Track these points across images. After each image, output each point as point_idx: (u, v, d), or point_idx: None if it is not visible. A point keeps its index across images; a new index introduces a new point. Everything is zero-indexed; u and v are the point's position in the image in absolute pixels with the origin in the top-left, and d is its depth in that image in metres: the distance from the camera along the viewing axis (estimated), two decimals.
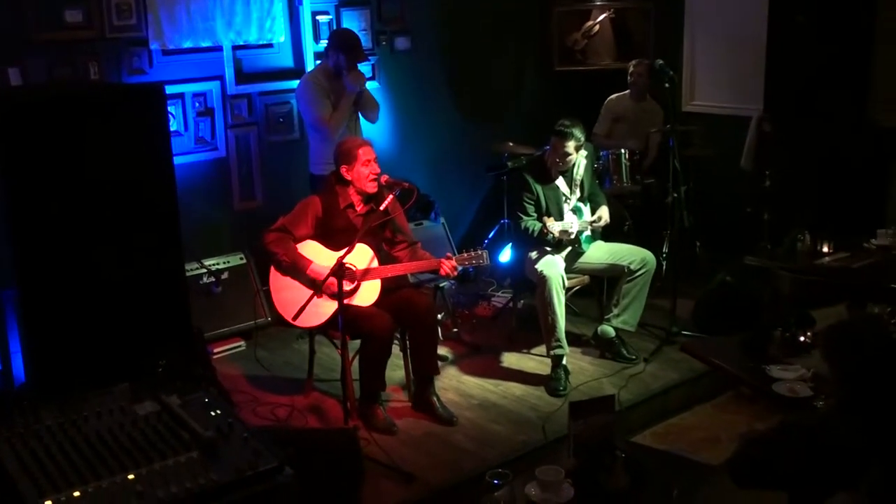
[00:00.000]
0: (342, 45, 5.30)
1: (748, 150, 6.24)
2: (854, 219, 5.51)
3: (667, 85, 5.35)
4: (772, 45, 5.81)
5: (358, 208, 4.56)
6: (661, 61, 5.48)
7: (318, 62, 5.68)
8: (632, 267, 5.03)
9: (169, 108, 5.29)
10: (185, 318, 3.77)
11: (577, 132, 4.96)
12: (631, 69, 6.39)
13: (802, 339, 3.86)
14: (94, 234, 3.34)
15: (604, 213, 5.17)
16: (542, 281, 4.87)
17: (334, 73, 5.33)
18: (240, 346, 5.41)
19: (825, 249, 5.00)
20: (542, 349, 5.07)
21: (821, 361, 2.94)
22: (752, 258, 5.17)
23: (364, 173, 4.50)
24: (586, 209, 5.16)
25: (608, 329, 5.12)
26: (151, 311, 3.55)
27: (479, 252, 4.46)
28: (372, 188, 4.51)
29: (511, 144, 6.15)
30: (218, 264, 5.49)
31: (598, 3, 7.07)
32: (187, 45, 5.35)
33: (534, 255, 5.05)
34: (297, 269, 4.41)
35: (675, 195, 5.41)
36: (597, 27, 7.09)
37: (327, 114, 5.27)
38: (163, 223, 3.54)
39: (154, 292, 3.53)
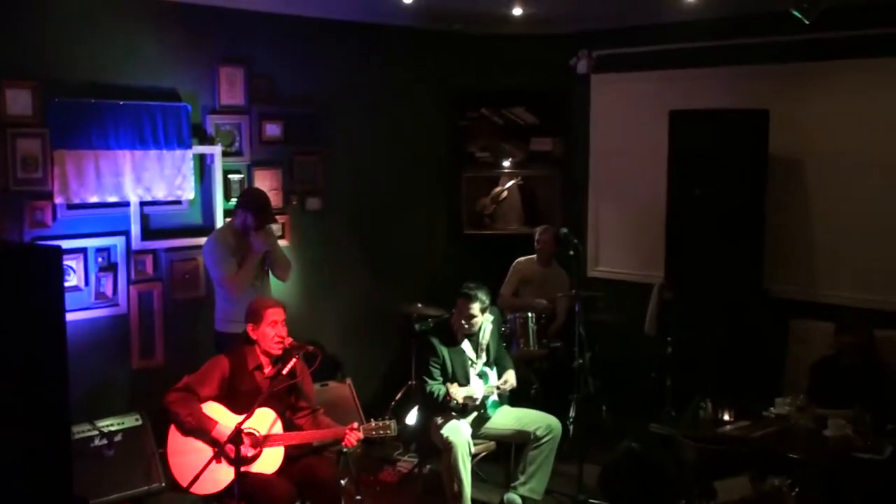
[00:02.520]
0: (251, 206, 5.31)
1: (651, 317, 6.39)
2: (754, 385, 5.63)
3: (571, 252, 5.48)
4: (671, 216, 6.04)
5: (266, 370, 4.47)
6: (565, 230, 5.63)
7: (228, 220, 5.68)
8: (538, 433, 5.00)
9: (69, 263, 5.18)
10: (68, 486, 3.56)
11: (482, 295, 5.02)
12: (537, 236, 6.56)
13: None
14: None
15: (510, 377, 5.17)
16: (447, 447, 4.79)
17: (242, 232, 5.32)
18: None
19: (727, 417, 5.06)
20: None
21: None
22: (656, 426, 5.19)
23: (269, 334, 4.45)
24: (492, 373, 5.16)
25: (514, 497, 5.03)
26: (32, 479, 3.35)
27: (387, 422, 4.39)
28: (277, 350, 4.45)
29: (419, 306, 6.18)
30: (112, 425, 5.23)
31: (507, 171, 7.31)
32: (93, 199, 5.29)
33: (439, 420, 4.99)
34: (202, 430, 4.25)
35: (581, 360, 5.45)
36: (505, 193, 7.31)
37: (231, 272, 5.23)
38: (48, 385, 3.38)
39: (35, 458, 3.34)
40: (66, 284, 5.01)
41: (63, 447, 3.51)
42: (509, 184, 7.30)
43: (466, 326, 5.05)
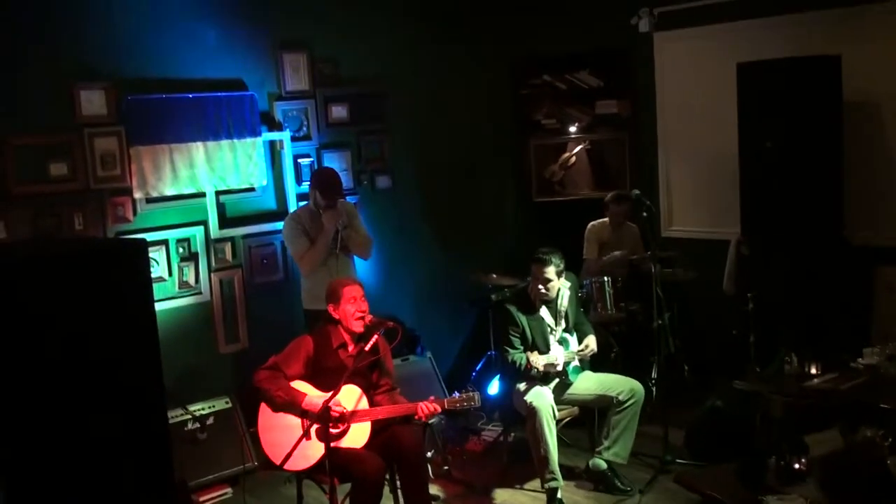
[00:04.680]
0: (318, 183, 5.42)
1: (729, 273, 6.30)
2: (839, 337, 5.52)
3: (644, 214, 5.44)
4: (745, 170, 5.94)
5: (349, 348, 4.55)
6: (637, 192, 5.59)
7: (306, 202, 5.78)
8: (620, 398, 4.99)
9: (152, 255, 5.33)
10: (168, 470, 3.68)
11: (556, 258, 5.02)
12: (611, 207, 6.48)
13: (797, 466, 3.81)
14: (73, 390, 3.29)
15: (591, 342, 5.17)
16: (531, 413, 4.82)
17: (316, 211, 5.41)
18: (227, 494, 5.28)
19: (813, 371, 4.98)
20: (535, 483, 4.98)
21: (818, 491, 2.90)
22: (741, 383, 5.14)
23: (350, 311, 4.52)
24: (573, 339, 5.16)
25: (600, 462, 5.04)
26: (135, 466, 3.47)
27: (471, 394, 4.43)
28: (358, 327, 4.53)
29: (494, 276, 6.20)
30: (203, 409, 5.41)
31: (574, 136, 7.26)
32: (171, 192, 5.43)
33: (522, 387, 5.02)
34: (293, 403, 4.35)
35: (660, 321, 5.42)
36: (573, 159, 7.26)
37: (302, 250, 5.35)
38: (145, 376, 3.49)
39: (137, 446, 3.46)
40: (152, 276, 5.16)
41: (161, 432, 3.62)
42: (577, 149, 7.25)
43: (543, 292, 5.05)
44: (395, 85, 6.56)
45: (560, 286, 5.10)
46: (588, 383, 5.14)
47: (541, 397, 4.86)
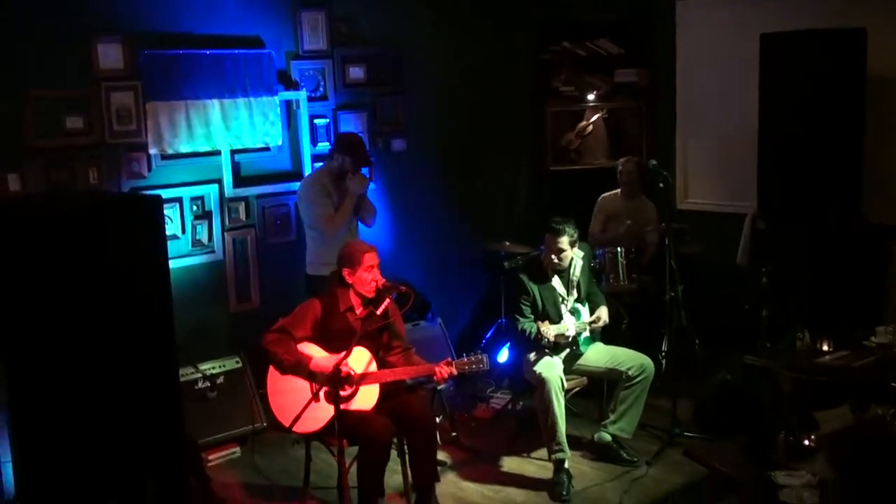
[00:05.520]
0: (348, 148, 5.39)
1: (743, 247, 6.26)
2: (852, 314, 5.50)
3: (661, 185, 5.39)
4: (763, 143, 5.89)
5: (357, 311, 4.55)
6: (654, 162, 5.55)
7: (322, 164, 5.75)
8: (630, 373, 4.98)
9: (166, 212, 5.32)
10: (178, 427, 3.71)
11: (570, 228, 4.99)
12: (620, 168, 6.45)
13: (806, 442, 3.82)
14: (86, 343, 3.31)
15: (602, 313, 5.15)
16: (540, 383, 4.82)
17: (338, 175, 5.39)
18: (235, 453, 5.31)
19: (825, 348, 4.97)
20: (543, 453, 4.98)
21: (826, 467, 2.90)
22: (751, 357, 5.13)
23: (366, 279, 4.51)
24: (584, 310, 5.14)
25: (605, 435, 5.04)
26: (145, 420, 3.50)
27: (479, 357, 4.42)
28: (371, 293, 4.52)
29: (507, 244, 6.18)
30: (213, 368, 5.42)
31: (591, 104, 7.20)
32: (186, 149, 5.41)
33: (532, 356, 5.01)
34: (300, 366, 4.36)
35: (672, 294, 5.39)
36: (590, 127, 7.20)
37: (328, 214, 5.32)
38: (157, 332, 3.51)
39: (148, 401, 3.49)
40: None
41: (172, 389, 3.65)
42: (594, 117, 7.19)
43: (556, 261, 5.03)
44: (413, 46, 6.49)
45: (573, 256, 5.08)
46: (598, 355, 5.13)
47: (550, 368, 4.86)
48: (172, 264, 4.20)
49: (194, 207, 5.56)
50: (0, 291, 3.22)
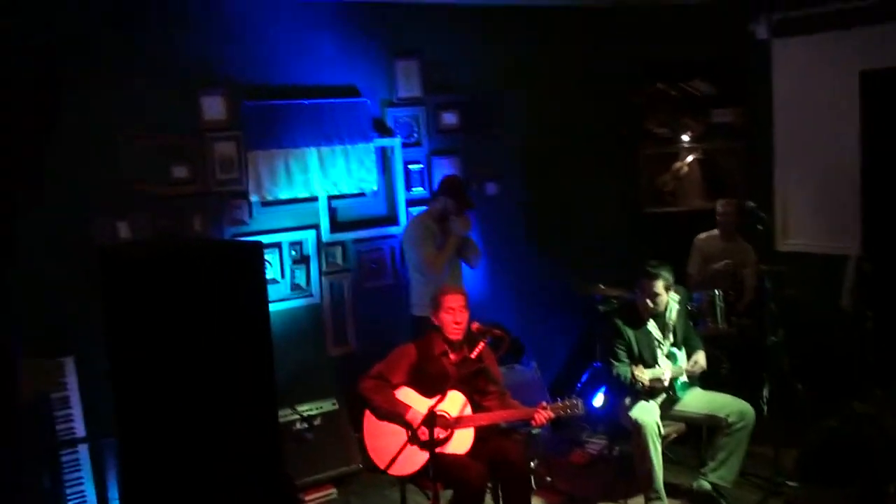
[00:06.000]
0: (450, 191, 5.53)
1: (849, 290, 6.06)
2: None
3: (759, 227, 5.29)
4: (866, 182, 5.73)
5: (452, 355, 4.57)
6: (752, 203, 5.46)
7: (426, 207, 5.87)
8: (730, 420, 4.86)
9: (266, 257, 5.46)
10: (279, 467, 3.77)
11: (665, 272, 4.93)
12: (719, 209, 6.36)
13: None
14: (190, 383, 3.41)
15: (700, 358, 5.06)
16: (636, 428, 4.75)
17: (441, 217, 5.50)
18: (332, 494, 5.37)
19: None
20: (639, 500, 4.90)
21: None
22: (861, 404, 4.94)
23: (447, 321, 4.55)
24: (681, 354, 5.06)
25: (704, 483, 4.92)
26: (247, 460, 3.57)
27: (574, 401, 4.40)
28: (454, 335, 4.54)
29: (602, 287, 6.13)
30: (311, 410, 5.52)
31: (686, 145, 7.12)
32: (285, 196, 5.57)
33: (628, 401, 4.94)
34: (396, 414, 4.41)
35: (773, 338, 5.25)
36: (685, 168, 7.12)
37: (431, 255, 5.43)
38: (258, 374, 3.59)
39: (249, 441, 3.56)
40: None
41: (272, 430, 3.72)
42: (689, 158, 7.11)
43: (652, 306, 4.97)
44: (505, 91, 6.57)
45: (669, 300, 5.01)
46: (697, 401, 5.03)
47: (646, 413, 4.79)
48: (272, 308, 4.32)
49: (293, 252, 5.70)
50: (112, 332, 3.37)
